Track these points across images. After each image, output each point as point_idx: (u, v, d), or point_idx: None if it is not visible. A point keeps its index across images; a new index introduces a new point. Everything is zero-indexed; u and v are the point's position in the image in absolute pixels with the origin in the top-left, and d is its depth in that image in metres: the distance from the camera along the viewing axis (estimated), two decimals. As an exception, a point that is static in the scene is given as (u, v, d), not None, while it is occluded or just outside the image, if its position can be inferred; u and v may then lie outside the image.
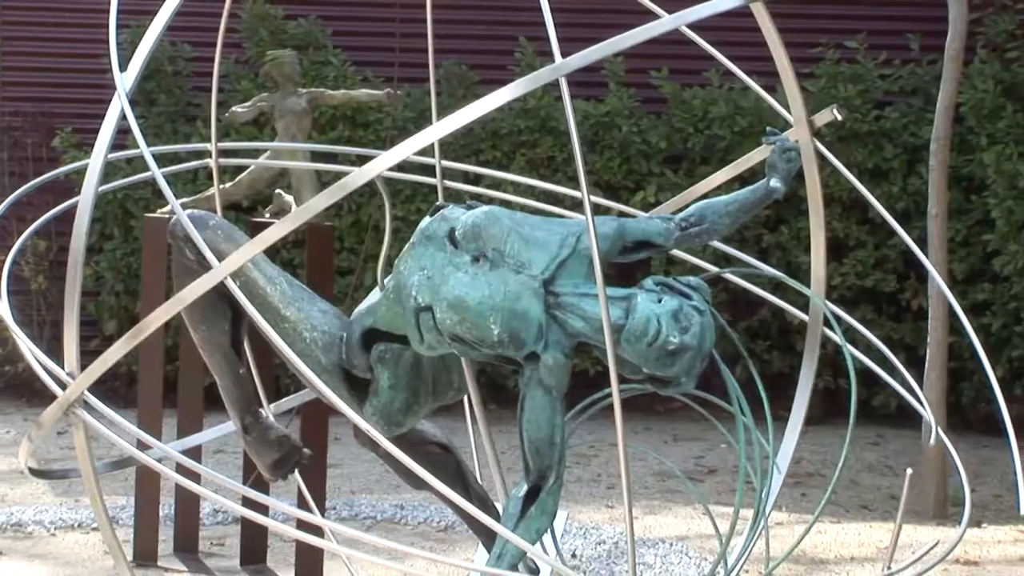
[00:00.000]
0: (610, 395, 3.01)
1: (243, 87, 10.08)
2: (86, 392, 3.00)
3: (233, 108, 7.27)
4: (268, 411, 3.79)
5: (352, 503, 8.07)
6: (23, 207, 6.56)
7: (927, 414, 3.87)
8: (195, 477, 3.35)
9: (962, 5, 8.59)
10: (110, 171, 8.22)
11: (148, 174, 3.03)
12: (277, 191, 7.02)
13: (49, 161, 10.16)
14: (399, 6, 10.42)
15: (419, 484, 3.18)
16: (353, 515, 7.91)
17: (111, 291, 10.78)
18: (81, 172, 3.08)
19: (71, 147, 10.47)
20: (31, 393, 9.78)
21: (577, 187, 3.10)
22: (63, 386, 3.03)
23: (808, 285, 3.88)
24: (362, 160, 3.08)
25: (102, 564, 6.71)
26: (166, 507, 7.12)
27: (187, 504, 7.04)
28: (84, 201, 2.99)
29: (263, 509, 3.18)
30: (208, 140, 4.25)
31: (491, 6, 10.74)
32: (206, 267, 3.00)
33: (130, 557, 6.87)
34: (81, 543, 7.35)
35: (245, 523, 6.63)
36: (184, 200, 6.48)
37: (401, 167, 3.59)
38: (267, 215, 6.95)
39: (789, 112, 3.68)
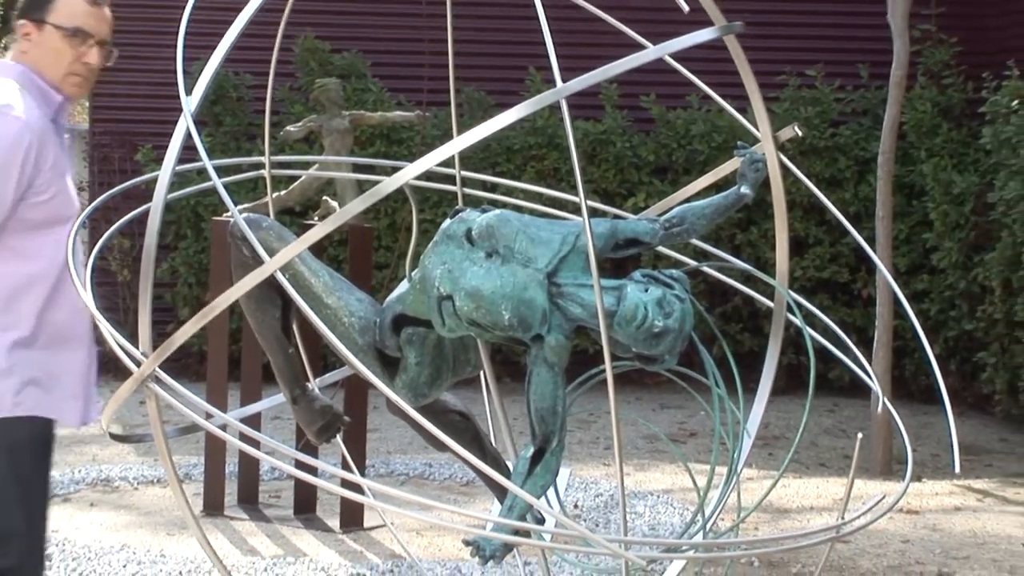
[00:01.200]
0: (604, 370, 3.02)
1: (295, 110, 10.08)
2: (157, 369, 2.99)
3: (287, 128, 7.28)
4: (314, 385, 3.78)
5: (388, 462, 8.09)
6: (110, 212, 6.56)
7: (875, 386, 3.85)
8: (254, 442, 3.34)
9: (904, 39, 8.66)
10: (184, 180, 8.24)
11: (211, 183, 3.01)
12: (324, 197, 7.03)
13: (132, 173, 10.14)
14: (427, 41, 10.40)
15: (442, 447, 3.17)
16: (389, 472, 7.94)
17: (184, 283, 10.82)
18: (154, 182, 3.07)
19: (151, 161, 10.49)
20: (116, 370, 9.80)
21: (577, 194, 3.08)
22: (138, 364, 3.02)
23: (774, 277, 3.87)
24: (395, 171, 3.06)
25: (177, 514, 6.72)
26: (231, 465, 7.15)
27: (248, 463, 7.07)
28: (155, 206, 2.98)
29: (312, 469, 3.15)
30: (263, 156, 4.23)
31: (504, 40, 10.74)
32: (259, 262, 2.99)
33: (200, 508, 6.93)
34: (159, 496, 7.38)
35: (297, 479, 6.62)
36: (243, 205, 6.48)
37: (428, 176, 3.56)
38: (315, 218, 6.95)
39: (757, 129, 3.66)
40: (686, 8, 3.14)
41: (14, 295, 3.46)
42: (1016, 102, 9.63)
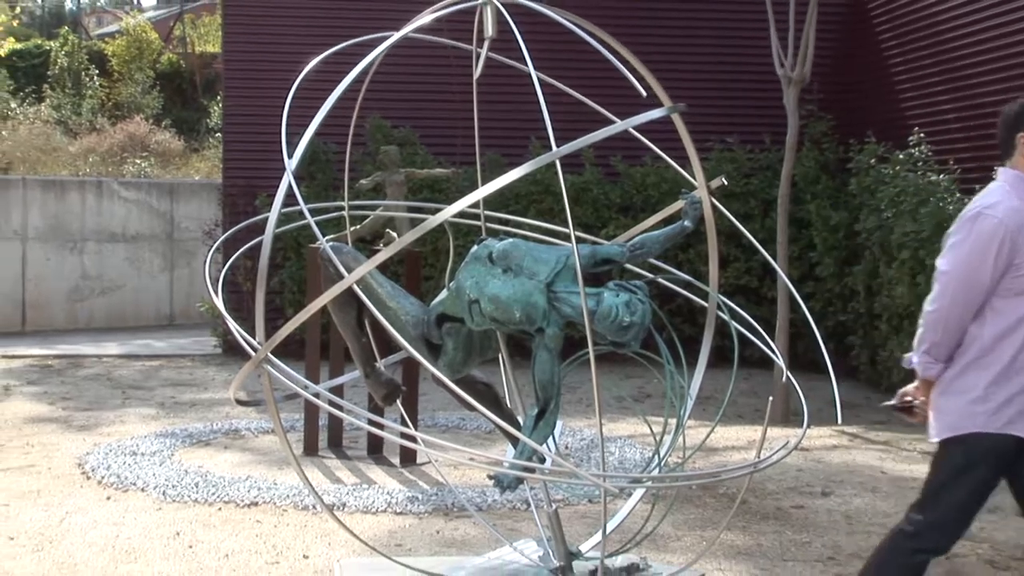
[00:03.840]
0: (587, 353, 2.99)
1: (366, 169, 10.00)
2: (269, 354, 2.94)
3: (360, 181, 7.27)
4: (380, 364, 3.73)
5: (433, 417, 8.03)
6: (238, 243, 6.52)
7: (778, 360, 3.81)
8: (338, 404, 3.30)
9: (795, 117, 8.75)
10: (288, 219, 8.20)
11: (306, 221, 2.95)
12: (387, 230, 6.99)
13: (252, 214, 10.12)
14: (459, 119, 10.34)
15: (471, 407, 3.12)
16: (433, 424, 7.89)
17: (289, 291, 10.78)
18: (266, 221, 3.02)
19: (265, 205, 10.44)
20: (244, 355, 9.82)
21: (567, 227, 3.04)
22: (255, 350, 2.97)
23: (707, 285, 3.81)
24: (437, 212, 3.01)
25: (285, 455, 6.72)
26: (322, 420, 7.13)
27: (334, 419, 7.05)
28: (267, 238, 2.94)
29: (379, 424, 3.11)
30: (343, 201, 4.20)
31: (514, 118, 10.57)
32: (341, 277, 2.96)
33: (300, 450, 6.90)
34: (272, 442, 7.36)
35: (369, 431, 6.60)
36: (328, 237, 6.41)
37: (460, 215, 3.50)
38: (381, 246, 6.91)
39: (695, 180, 3.60)
40: (644, 93, 3.11)
41: (997, 341, 3.31)
42: (873, 160, 9.73)
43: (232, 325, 3.22)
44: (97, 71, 20.26)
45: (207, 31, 22.77)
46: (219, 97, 14.92)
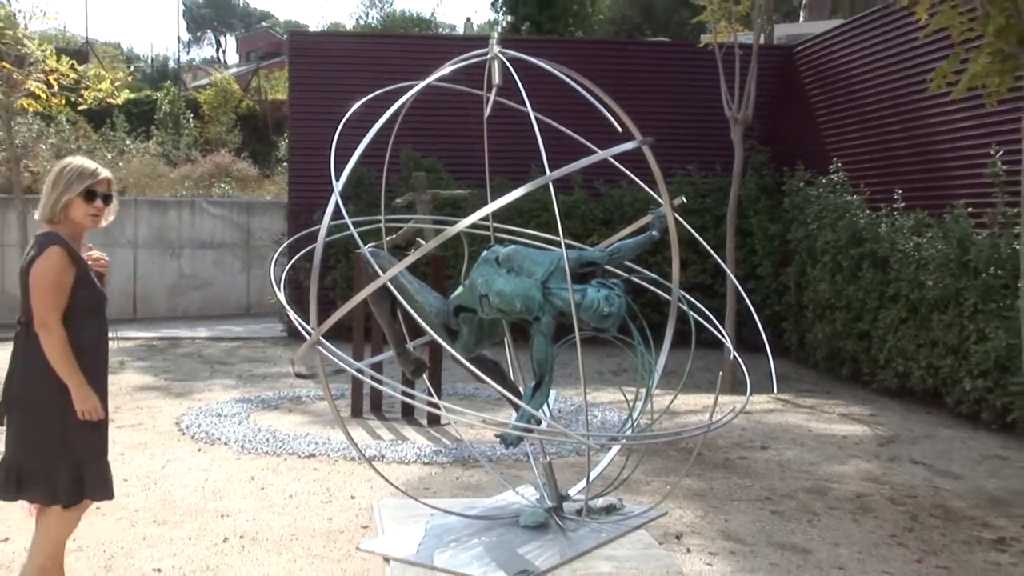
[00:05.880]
0: (575, 336, 2.91)
1: (400, 191, 9.93)
2: (321, 338, 2.87)
3: (395, 200, 7.22)
4: (410, 345, 3.66)
5: (453, 387, 7.97)
6: (299, 249, 6.45)
7: (727, 342, 3.72)
8: (378, 378, 3.23)
9: (740, 149, 8.70)
10: (338, 230, 8.13)
11: (349, 232, 2.89)
12: (417, 239, 6.93)
13: (311, 225, 10.05)
14: (476, 149, 10.28)
15: (482, 380, 3.04)
16: (453, 393, 7.82)
17: (340, 287, 10.70)
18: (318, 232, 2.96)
19: (322, 220, 10.34)
20: (303, 338, 9.72)
21: (559, 236, 2.97)
22: (310, 334, 2.91)
23: (671, 282, 3.74)
24: (455, 223, 2.95)
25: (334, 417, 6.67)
26: (365, 390, 7.06)
27: (375, 389, 6.98)
28: (318, 246, 2.87)
29: (410, 394, 3.05)
30: (381, 215, 4.13)
31: (517, 148, 10.60)
32: (377, 276, 2.89)
33: (347, 414, 6.85)
34: (327, 407, 7.29)
35: (403, 400, 6.55)
36: (369, 245, 6.35)
37: (475, 227, 3.44)
38: (411, 251, 6.86)
39: (661, 199, 3.53)
40: (620, 129, 3.05)
41: None
42: (801, 184, 9.66)
43: (292, 315, 3.16)
44: (192, 115, 20.24)
45: (277, 83, 22.72)
46: (285, 134, 14.84)
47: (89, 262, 3.17)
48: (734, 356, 3.52)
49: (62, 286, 3.04)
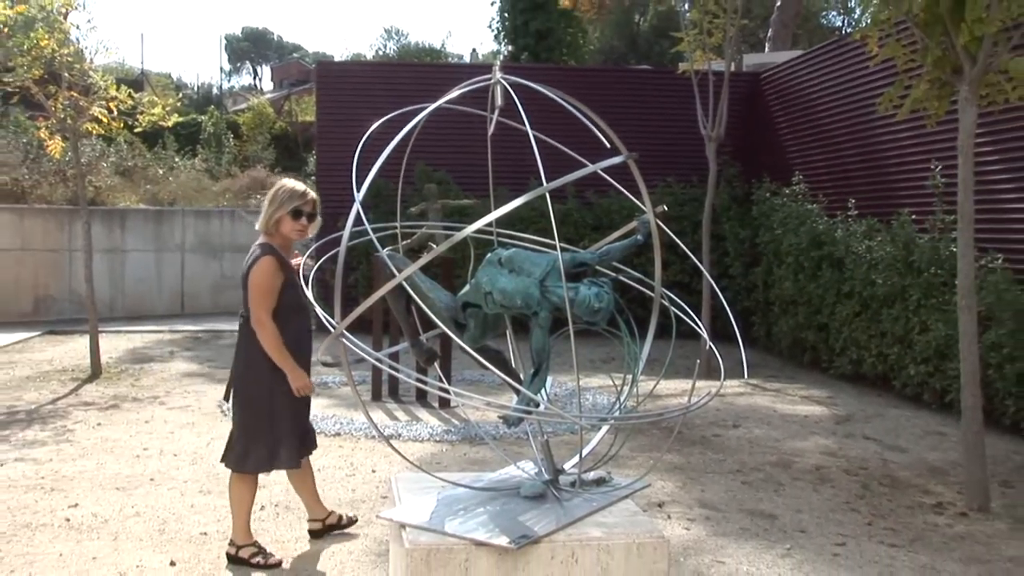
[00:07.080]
0: (568, 329, 2.87)
1: (414, 200, 9.89)
2: (344, 331, 2.84)
3: (410, 209, 7.18)
4: (424, 337, 3.62)
5: (461, 374, 7.93)
6: (324, 252, 6.42)
7: (703, 333, 3.68)
8: (395, 367, 3.19)
9: (714, 163, 8.64)
10: (358, 235, 8.09)
11: (369, 237, 2.85)
12: (429, 243, 6.90)
13: (338, 232, 10.00)
14: (481, 163, 10.24)
15: (487, 368, 3.01)
16: (462, 379, 7.78)
17: (362, 286, 10.63)
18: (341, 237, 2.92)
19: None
20: (328, 331, 9.67)
21: (555, 240, 2.94)
22: (335, 327, 2.88)
23: (654, 280, 3.71)
24: (462, 229, 2.92)
25: (356, 401, 6.63)
26: (384, 376, 7.02)
27: (392, 376, 6.90)
28: (341, 250, 2.83)
29: (423, 381, 3.02)
30: (397, 222, 4.09)
31: (518, 162, 10.56)
32: (393, 276, 2.86)
33: (368, 397, 6.81)
34: (350, 392, 7.24)
35: (416, 385, 6.52)
36: (386, 249, 6.33)
37: (480, 232, 3.40)
38: (424, 253, 6.82)
39: (645, 207, 3.49)
40: (608, 145, 3.01)
41: None
42: (768, 194, 9.61)
43: (318, 309, 3.13)
44: (232, 135, 20.26)
45: (306, 106, 22.74)
46: (313, 151, 14.82)
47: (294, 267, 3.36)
48: (710, 346, 3.48)
49: (273, 290, 3.29)
